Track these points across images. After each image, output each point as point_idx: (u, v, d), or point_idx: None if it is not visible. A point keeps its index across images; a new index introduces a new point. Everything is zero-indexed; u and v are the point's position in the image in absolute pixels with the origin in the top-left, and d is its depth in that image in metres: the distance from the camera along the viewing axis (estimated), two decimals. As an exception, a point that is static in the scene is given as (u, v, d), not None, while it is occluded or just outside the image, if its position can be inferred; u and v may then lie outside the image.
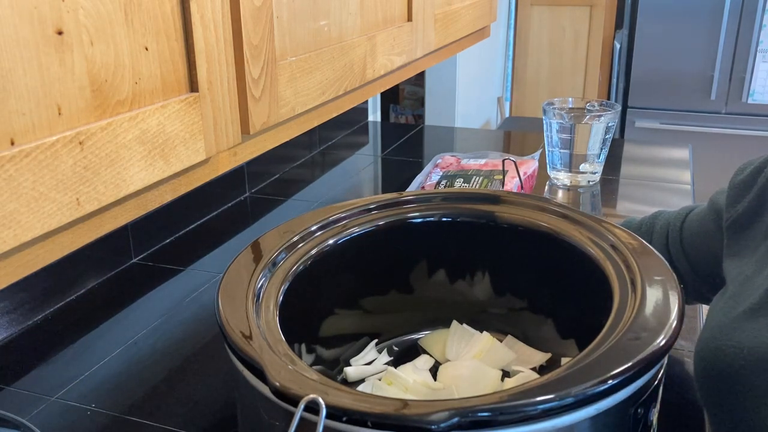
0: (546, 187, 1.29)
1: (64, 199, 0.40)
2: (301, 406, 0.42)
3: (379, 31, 0.78)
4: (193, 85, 0.50)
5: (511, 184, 1.12)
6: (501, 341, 0.72)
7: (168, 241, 1.09)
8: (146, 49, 0.45)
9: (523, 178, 1.15)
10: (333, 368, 0.71)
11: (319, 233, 0.67)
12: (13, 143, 0.37)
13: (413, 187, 1.19)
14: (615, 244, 0.62)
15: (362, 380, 0.70)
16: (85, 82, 0.41)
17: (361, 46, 0.74)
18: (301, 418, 0.42)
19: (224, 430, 0.69)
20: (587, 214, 0.68)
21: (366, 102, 1.71)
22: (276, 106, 0.59)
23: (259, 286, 0.58)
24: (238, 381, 0.51)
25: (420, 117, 2.93)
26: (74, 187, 0.40)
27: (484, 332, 0.73)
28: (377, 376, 0.69)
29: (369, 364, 0.72)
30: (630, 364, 0.45)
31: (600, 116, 1.22)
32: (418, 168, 1.39)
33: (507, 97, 3.13)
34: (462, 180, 1.13)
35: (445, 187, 1.12)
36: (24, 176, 0.37)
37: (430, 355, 0.73)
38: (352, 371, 0.70)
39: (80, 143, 0.40)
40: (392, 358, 0.74)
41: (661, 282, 0.55)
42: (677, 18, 2.70)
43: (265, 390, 0.46)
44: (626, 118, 2.89)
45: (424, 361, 0.72)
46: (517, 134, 1.71)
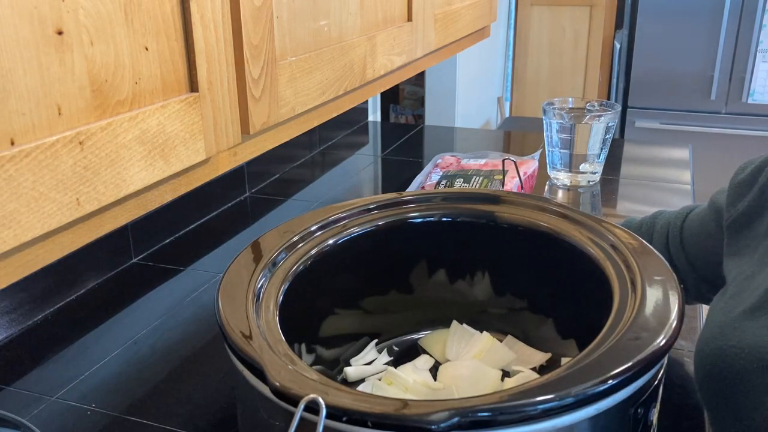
0: (546, 187, 1.29)
1: (64, 199, 0.40)
2: (301, 406, 0.42)
3: (379, 31, 0.78)
4: (193, 85, 0.50)
5: (511, 184, 1.12)
6: (501, 341, 0.72)
7: (168, 241, 1.09)
8: (146, 49, 0.45)
9: (523, 178, 1.15)
10: (333, 368, 0.71)
11: (319, 233, 0.67)
12: (13, 143, 0.37)
13: (413, 187, 1.19)
14: (615, 244, 0.62)
15: (362, 380, 0.70)
16: (85, 82, 0.41)
17: (361, 46, 0.74)
18: (301, 418, 0.42)
19: (224, 430, 0.69)
20: (587, 214, 0.68)
21: (366, 102, 1.71)
22: (276, 106, 0.59)
23: (259, 286, 0.58)
24: (238, 381, 0.51)
25: (420, 117, 2.93)
26: (74, 187, 0.40)
27: (484, 332, 0.73)
28: (377, 376, 0.69)
29: (369, 364, 0.72)
30: (630, 364, 0.45)
31: (600, 116, 1.22)
32: (418, 168, 1.39)
33: (507, 97, 3.13)
34: (462, 180, 1.13)
35: (445, 187, 1.12)
36: (24, 176, 0.37)
37: (430, 355, 0.73)
38: (352, 371, 0.70)
39: (80, 143, 0.40)
40: (392, 358, 0.74)
41: (661, 282, 0.55)
42: (677, 18, 2.70)
43: (265, 390, 0.46)
44: (626, 118, 2.90)
45: (424, 361, 0.72)
46: (517, 134, 1.71)
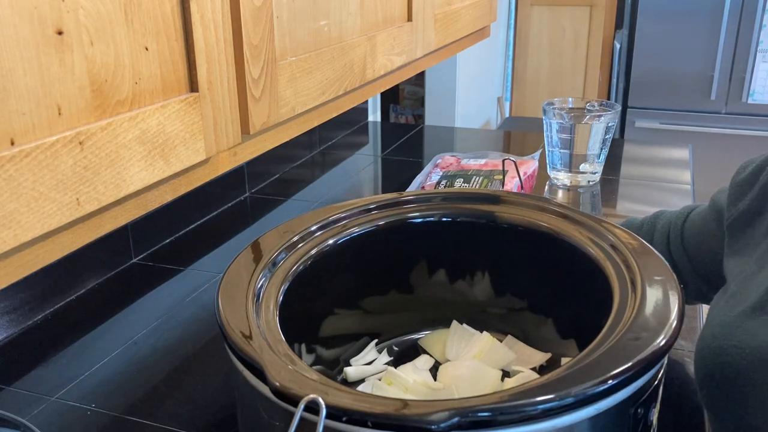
0: (546, 187, 1.29)
1: (64, 199, 0.40)
2: (301, 406, 0.42)
3: (379, 31, 0.78)
4: (193, 85, 0.50)
5: (511, 184, 1.12)
6: (501, 341, 0.72)
7: (168, 241, 1.09)
8: (146, 49, 0.45)
9: (523, 178, 1.15)
10: (333, 368, 0.71)
11: (319, 233, 0.67)
12: (13, 143, 0.37)
13: (413, 187, 1.19)
14: (615, 244, 0.62)
15: (362, 380, 0.70)
16: (85, 82, 0.41)
17: (361, 46, 0.74)
18: (301, 418, 0.42)
19: (224, 430, 0.69)
20: (587, 214, 0.68)
21: (366, 102, 1.71)
22: (276, 106, 0.59)
23: (259, 286, 0.58)
24: (238, 381, 0.51)
25: (420, 117, 2.93)
26: (74, 187, 0.40)
27: (484, 332, 0.73)
28: (377, 376, 0.69)
29: (369, 364, 0.72)
30: (630, 364, 0.45)
31: (600, 116, 1.22)
32: (418, 168, 1.39)
33: (507, 97, 3.13)
34: (462, 180, 1.13)
35: (445, 187, 1.12)
36: (24, 176, 0.37)
37: (430, 355, 0.73)
38: (352, 371, 0.70)
39: (80, 143, 0.40)
40: (392, 358, 0.74)
41: (661, 282, 0.55)
42: (677, 18, 2.70)
43: (265, 390, 0.46)
44: (626, 118, 2.90)
45: (424, 361, 0.72)
46: (517, 134, 1.71)
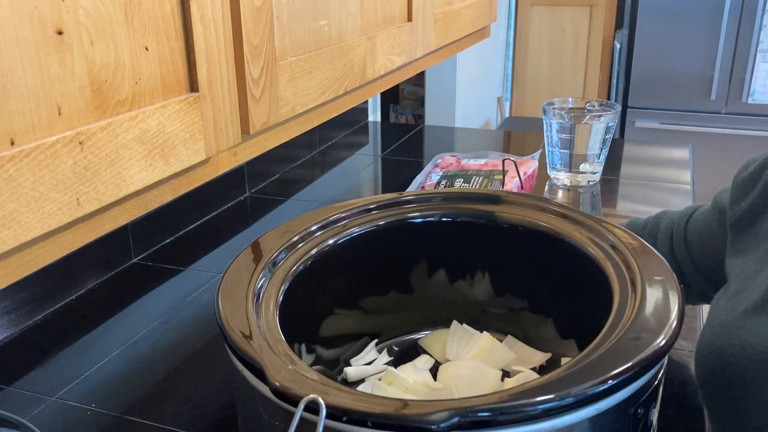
0: (546, 187, 1.29)
1: (64, 199, 0.40)
2: (301, 406, 0.42)
3: (379, 31, 0.78)
4: (193, 85, 0.50)
5: (511, 184, 1.12)
6: (501, 341, 0.72)
7: (168, 241, 1.09)
8: (146, 49, 0.45)
9: (523, 178, 1.15)
10: (333, 368, 0.71)
11: (319, 233, 0.67)
12: (13, 143, 0.37)
13: (413, 187, 1.19)
14: (615, 244, 0.62)
15: (362, 380, 0.70)
16: (85, 82, 0.41)
17: (361, 46, 0.74)
18: (301, 418, 0.42)
19: (224, 430, 0.69)
20: (587, 214, 0.68)
21: (366, 102, 1.71)
22: (276, 106, 0.59)
23: (259, 286, 0.58)
24: (238, 381, 0.51)
25: (420, 117, 2.93)
26: (74, 187, 0.40)
27: (484, 332, 0.73)
28: (377, 376, 0.69)
29: (369, 364, 0.72)
30: (630, 364, 0.45)
31: (600, 116, 1.22)
32: (418, 168, 1.39)
33: (507, 97, 3.13)
34: (462, 180, 1.13)
35: (445, 187, 1.12)
36: (24, 176, 0.37)
37: (430, 355, 0.73)
38: (352, 371, 0.70)
39: (80, 143, 0.40)
40: (392, 358, 0.74)
41: (661, 282, 0.55)
42: (677, 18, 2.70)
43: (265, 390, 0.46)
44: (626, 118, 2.90)
45: (424, 361, 0.72)
46: (517, 134, 1.71)
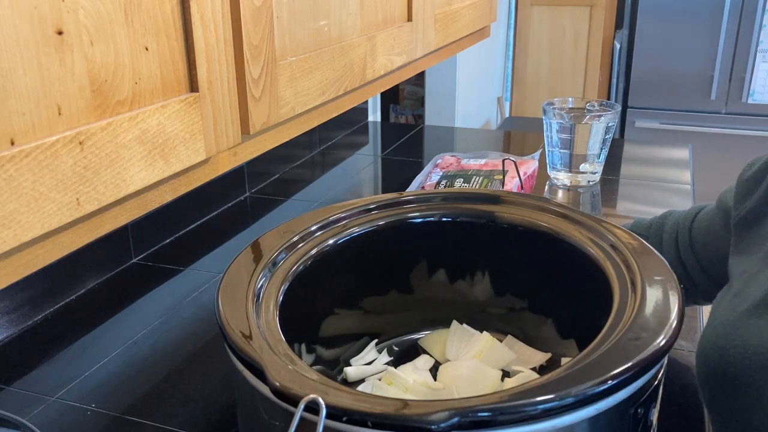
0: (546, 187, 1.29)
1: (64, 199, 0.40)
2: (301, 406, 0.42)
3: (379, 31, 0.78)
4: (193, 85, 0.50)
5: (511, 184, 1.12)
6: (501, 341, 0.72)
7: (168, 241, 1.09)
8: (146, 49, 0.45)
9: (523, 178, 1.15)
10: (333, 368, 0.71)
11: (319, 233, 0.67)
12: (13, 143, 0.37)
13: (413, 187, 1.19)
14: (615, 244, 0.62)
15: (362, 380, 0.70)
16: (85, 82, 0.41)
17: (361, 46, 0.74)
18: (301, 418, 0.42)
19: (224, 430, 0.69)
20: (587, 214, 0.68)
21: (366, 102, 1.71)
22: (276, 106, 0.59)
23: (259, 286, 0.58)
24: (238, 381, 0.51)
25: (420, 117, 2.93)
26: (74, 187, 0.40)
27: (484, 332, 0.73)
28: (377, 376, 0.69)
29: (369, 364, 0.72)
30: (630, 364, 0.45)
31: (600, 116, 1.22)
32: (418, 168, 1.39)
33: (507, 97, 3.13)
34: (462, 180, 1.13)
35: (445, 187, 1.12)
36: (24, 176, 0.37)
37: (430, 355, 0.73)
38: (352, 371, 0.70)
39: (80, 143, 0.40)
40: (392, 358, 0.74)
41: (661, 282, 0.55)
42: (677, 18, 2.70)
43: (265, 390, 0.46)
44: (626, 118, 2.90)
45: (424, 361, 0.72)
46: (517, 134, 1.71)
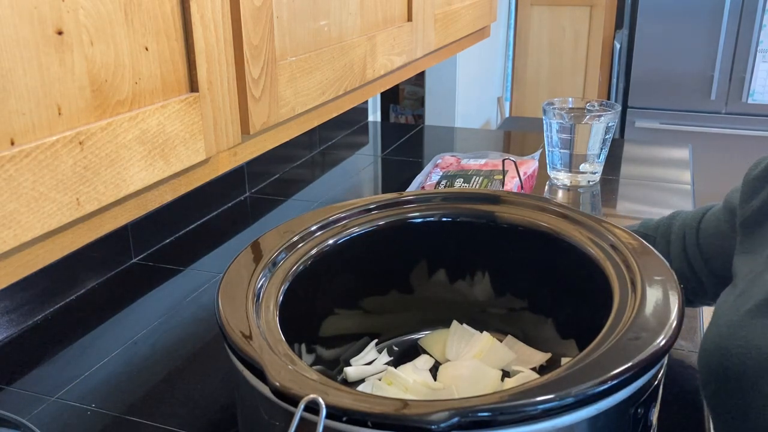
0: (546, 187, 1.29)
1: (64, 199, 0.40)
2: (301, 406, 0.42)
3: (379, 31, 0.78)
4: (193, 85, 0.50)
5: (511, 184, 1.12)
6: (501, 341, 0.72)
7: (168, 241, 1.09)
8: (146, 49, 0.45)
9: (523, 178, 1.15)
10: (333, 368, 0.71)
11: (319, 233, 0.67)
12: (13, 143, 0.37)
13: (413, 187, 1.19)
14: (615, 244, 0.62)
15: (362, 380, 0.70)
16: (85, 82, 0.41)
17: (361, 46, 0.74)
18: (301, 418, 0.42)
19: (224, 430, 0.69)
20: (587, 214, 0.68)
21: (366, 102, 1.71)
22: (276, 106, 0.59)
23: (259, 286, 0.58)
24: (238, 381, 0.51)
25: (420, 117, 2.93)
26: (74, 187, 0.40)
27: (484, 332, 0.73)
28: (377, 376, 0.69)
29: (369, 364, 0.72)
30: (630, 364, 0.45)
31: (600, 116, 1.22)
32: (418, 168, 1.39)
33: (507, 97, 3.13)
34: (462, 180, 1.13)
35: (445, 187, 1.12)
36: (24, 176, 0.37)
37: (430, 355, 0.73)
38: (352, 371, 0.70)
39: (80, 143, 0.40)
40: (392, 358, 0.74)
41: (661, 282, 0.55)
42: (677, 18, 2.70)
43: (265, 390, 0.46)
44: (626, 118, 2.90)
45: (424, 361, 0.72)
46: (517, 134, 1.71)
